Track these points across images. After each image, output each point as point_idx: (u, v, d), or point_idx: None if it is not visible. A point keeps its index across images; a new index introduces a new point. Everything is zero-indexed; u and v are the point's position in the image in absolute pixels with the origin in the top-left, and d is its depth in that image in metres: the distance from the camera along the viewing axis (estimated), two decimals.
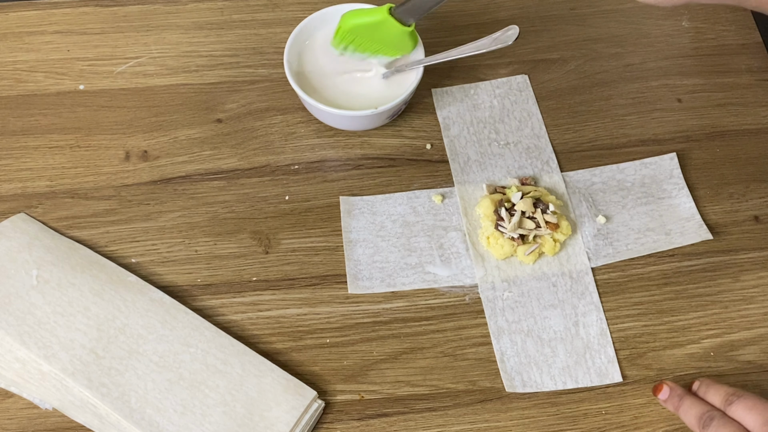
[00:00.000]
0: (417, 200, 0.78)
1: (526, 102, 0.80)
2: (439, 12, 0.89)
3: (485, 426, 0.68)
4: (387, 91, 0.80)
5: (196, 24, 0.88)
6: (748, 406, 0.62)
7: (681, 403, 0.66)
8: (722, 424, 0.62)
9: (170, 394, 0.66)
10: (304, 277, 0.74)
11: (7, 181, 0.78)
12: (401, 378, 0.70)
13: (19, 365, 0.67)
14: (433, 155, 0.81)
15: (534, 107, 0.81)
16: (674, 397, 0.67)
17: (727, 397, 0.64)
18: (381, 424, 0.68)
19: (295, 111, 0.82)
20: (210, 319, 0.71)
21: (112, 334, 0.68)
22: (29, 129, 0.81)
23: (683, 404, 0.66)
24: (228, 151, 0.80)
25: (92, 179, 0.78)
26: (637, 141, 0.82)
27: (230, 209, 0.77)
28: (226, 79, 0.84)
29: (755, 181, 0.80)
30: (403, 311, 0.73)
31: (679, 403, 0.67)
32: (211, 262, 0.74)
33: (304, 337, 0.71)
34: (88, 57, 0.85)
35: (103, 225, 0.76)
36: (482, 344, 0.71)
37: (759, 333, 0.72)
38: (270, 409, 0.66)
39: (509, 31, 0.78)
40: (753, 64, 0.87)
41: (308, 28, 0.82)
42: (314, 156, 0.80)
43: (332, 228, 0.76)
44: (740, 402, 0.63)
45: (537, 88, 0.85)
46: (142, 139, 0.80)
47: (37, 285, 0.70)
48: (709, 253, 0.76)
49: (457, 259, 0.75)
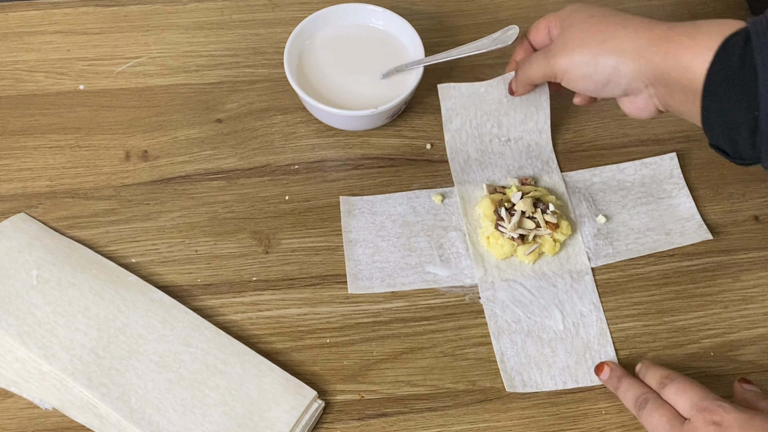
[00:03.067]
0: (417, 200, 0.78)
1: (538, 98, 0.79)
2: (439, 12, 0.89)
3: (485, 426, 0.68)
4: (387, 91, 0.80)
5: (196, 24, 0.88)
6: (679, 389, 0.64)
7: (620, 383, 0.68)
8: (656, 407, 0.64)
9: (170, 394, 0.66)
10: (304, 277, 0.74)
11: (7, 181, 0.78)
12: (401, 378, 0.70)
13: (19, 365, 0.67)
14: (433, 155, 0.81)
15: (545, 102, 0.80)
16: (613, 378, 0.69)
17: (661, 379, 0.65)
18: (381, 424, 0.68)
19: (295, 111, 0.82)
20: (210, 319, 0.71)
21: (112, 333, 0.68)
22: (29, 129, 0.81)
23: (621, 385, 0.67)
24: (228, 151, 0.80)
25: (92, 179, 0.78)
26: (637, 141, 0.82)
27: (230, 209, 0.77)
28: (226, 79, 0.84)
29: (755, 181, 0.80)
30: (403, 311, 0.73)
31: (618, 383, 0.68)
32: (211, 262, 0.74)
33: (304, 337, 0.71)
34: (88, 57, 0.85)
35: (103, 225, 0.76)
36: (482, 344, 0.71)
37: (759, 333, 0.72)
38: (270, 409, 0.66)
39: (509, 31, 0.78)
40: None
41: (308, 28, 0.82)
42: (314, 156, 0.80)
43: (332, 228, 0.76)
44: (672, 385, 0.64)
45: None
46: (142, 139, 0.80)
47: (37, 285, 0.70)
48: (709, 253, 0.76)
49: (457, 259, 0.75)
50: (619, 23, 0.65)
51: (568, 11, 0.69)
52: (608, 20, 0.66)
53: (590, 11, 0.67)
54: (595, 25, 0.66)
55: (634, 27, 0.64)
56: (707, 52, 0.58)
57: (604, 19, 0.66)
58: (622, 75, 0.64)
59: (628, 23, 0.64)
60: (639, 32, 0.63)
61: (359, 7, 0.83)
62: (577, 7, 0.69)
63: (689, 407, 0.62)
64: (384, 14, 0.83)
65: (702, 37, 0.59)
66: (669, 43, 0.61)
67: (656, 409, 0.64)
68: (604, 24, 0.65)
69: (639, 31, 0.63)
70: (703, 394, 0.62)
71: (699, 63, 0.59)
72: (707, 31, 0.59)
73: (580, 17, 0.67)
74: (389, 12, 0.82)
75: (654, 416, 0.63)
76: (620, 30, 0.64)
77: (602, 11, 0.67)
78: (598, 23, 0.66)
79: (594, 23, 0.66)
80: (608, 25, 0.65)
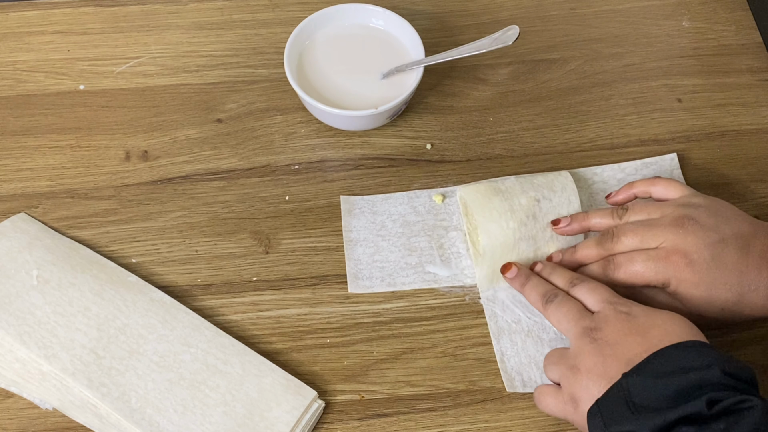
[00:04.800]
0: (417, 200, 0.78)
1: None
2: (439, 12, 0.89)
3: (485, 426, 0.68)
4: (387, 91, 0.80)
5: (196, 24, 0.88)
6: (590, 288, 0.66)
7: (527, 281, 0.70)
8: (563, 301, 0.66)
9: (170, 394, 0.66)
10: (304, 277, 0.74)
11: (7, 181, 0.78)
12: (401, 378, 0.70)
13: (19, 365, 0.67)
14: (433, 155, 0.81)
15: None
16: (521, 275, 0.71)
17: (571, 280, 0.68)
18: (381, 424, 0.68)
19: (295, 111, 0.82)
20: (210, 319, 0.71)
21: (112, 334, 0.68)
22: (29, 129, 0.81)
23: (529, 282, 0.70)
24: (228, 151, 0.80)
25: (92, 179, 0.78)
26: (638, 141, 0.82)
27: (230, 209, 0.77)
28: (226, 79, 0.84)
29: (755, 181, 0.80)
30: (404, 311, 0.73)
31: (525, 280, 0.70)
32: (211, 262, 0.74)
33: (304, 337, 0.71)
34: (88, 57, 0.85)
35: (103, 225, 0.76)
36: (482, 344, 0.71)
37: (759, 333, 0.72)
38: (270, 409, 0.66)
39: (509, 31, 0.78)
40: (753, 64, 0.87)
41: (308, 28, 0.82)
42: (314, 156, 0.80)
43: (332, 228, 0.76)
44: (583, 285, 0.67)
45: (537, 88, 0.85)
46: (142, 139, 0.80)
47: (37, 285, 0.70)
48: None
49: (457, 259, 0.75)
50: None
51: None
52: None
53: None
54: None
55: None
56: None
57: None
58: None
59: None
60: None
61: (359, 7, 0.83)
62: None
63: (599, 301, 0.65)
64: (384, 14, 0.83)
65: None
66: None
67: (564, 303, 0.66)
68: None
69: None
70: (612, 292, 0.66)
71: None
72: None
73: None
74: (389, 12, 0.82)
75: (563, 308, 0.66)
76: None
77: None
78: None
79: None
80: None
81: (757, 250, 0.65)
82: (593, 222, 0.71)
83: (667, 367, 0.58)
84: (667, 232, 0.66)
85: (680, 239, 0.66)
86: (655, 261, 0.66)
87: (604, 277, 0.68)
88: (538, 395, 0.65)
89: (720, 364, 0.57)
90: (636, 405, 0.57)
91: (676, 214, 0.67)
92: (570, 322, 0.65)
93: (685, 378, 0.56)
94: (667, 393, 0.56)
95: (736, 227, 0.66)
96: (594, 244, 0.70)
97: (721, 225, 0.66)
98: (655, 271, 0.66)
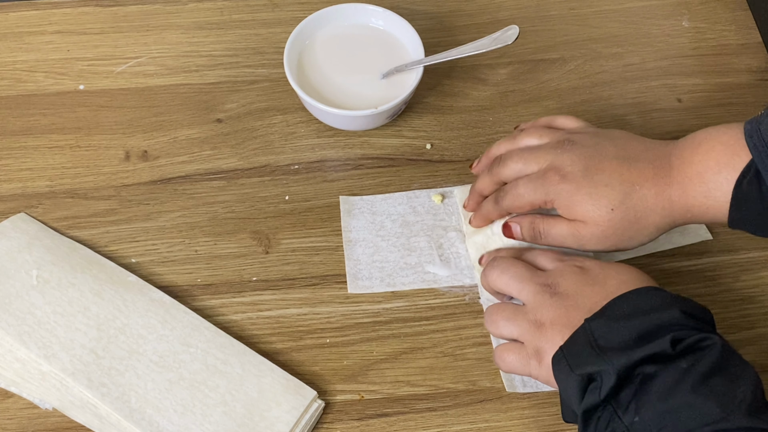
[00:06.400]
0: (417, 200, 0.78)
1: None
2: (439, 12, 0.89)
3: (485, 426, 0.68)
4: (387, 91, 0.80)
5: (196, 24, 0.88)
6: (540, 251, 0.69)
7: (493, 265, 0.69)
8: (510, 263, 0.67)
9: (170, 394, 0.66)
10: (304, 277, 0.74)
11: (7, 181, 0.78)
12: (401, 378, 0.70)
13: (19, 365, 0.67)
14: (433, 155, 0.81)
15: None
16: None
17: (519, 250, 0.70)
18: (381, 424, 0.68)
19: (295, 111, 0.82)
20: (210, 319, 0.71)
21: (112, 334, 0.68)
22: (29, 129, 0.81)
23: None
24: (228, 151, 0.80)
25: (92, 179, 0.78)
26: None
27: (230, 209, 0.77)
28: (226, 79, 0.84)
29: None
30: (403, 311, 0.73)
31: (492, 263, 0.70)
32: (211, 262, 0.74)
33: (304, 337, 0.71)
34: (88, 57, 0.85)
35: (103, 225, 0.76)
36: (482, 344, 0.71)
37: (759, 333, 0.72)
38: (270, 409, 0.66)
39: (509, 31, 0.78)
40: (753, 64, 0.87)
41: (308, 28, 0.82)
42: (314, 156, 0.80)
43: (332, 228, 0.76)
44: (532, 250, 0.70)
45: (537, 88, 0.85)
46: (142, 139, 0.80)
47: (37, 285, 0.70)
48: (709, 253, 0.76)
49: (456, 259, 0.75)
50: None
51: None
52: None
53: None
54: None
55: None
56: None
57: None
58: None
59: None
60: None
61: (359, 7, 0.83)
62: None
63: (551, 260, 0.67)
64: (384, 14, 0.83)
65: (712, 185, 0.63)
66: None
67: (511, 265, 0.67)
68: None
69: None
70: (562, 252, 0.68)
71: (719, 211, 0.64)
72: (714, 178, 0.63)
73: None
74: (389, 12, 0.82)
75: (510, 270, 0.67)
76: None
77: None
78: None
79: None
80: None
81: (643, 159, 0.65)
82: (493, 150, 0.72)
83: (629, 309, 0.60)
84: (547, 154, 0.67)
85: (557, 158, 0.66)
86: (534, 181, 0.67)
87: (497, 207, 0.70)
88: (500, 353, 0.66)
89: (679, 305, 0.59)
90: (601, 347, 0.58)
91: (559, 138, 0.68)
92: (522, 282, 0.66)
93: (647, 319, 0.58)
94: (630, 334, 0.58)
95: (622, 145, 0.67)
96: (486, 172, 0.71)
97: (603, 143, 0.67)
98: (534, 190, 0.67)
